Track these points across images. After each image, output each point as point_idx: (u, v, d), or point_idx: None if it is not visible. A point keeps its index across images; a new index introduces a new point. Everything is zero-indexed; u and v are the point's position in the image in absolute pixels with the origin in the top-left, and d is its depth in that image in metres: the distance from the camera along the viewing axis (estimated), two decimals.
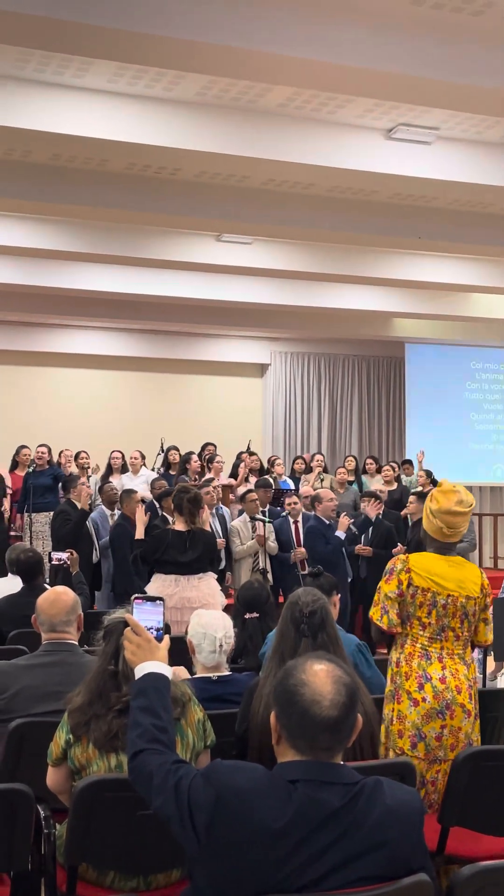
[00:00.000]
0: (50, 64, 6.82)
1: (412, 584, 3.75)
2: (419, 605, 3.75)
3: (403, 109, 7.58)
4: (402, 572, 3.78)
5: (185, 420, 15.86)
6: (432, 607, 3.74)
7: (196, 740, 3.11)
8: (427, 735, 3.67)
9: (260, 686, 3.35)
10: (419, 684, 3.72)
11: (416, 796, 2.25)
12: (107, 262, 11.42)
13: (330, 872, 2.08)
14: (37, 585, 5.77)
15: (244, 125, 7.63)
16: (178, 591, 6.82)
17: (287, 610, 3.42)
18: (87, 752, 3.05)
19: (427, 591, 3.74)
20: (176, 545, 6.99)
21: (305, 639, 3.32)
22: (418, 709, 3.69)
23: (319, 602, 3.40)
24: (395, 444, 17.97)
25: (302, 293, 13.19)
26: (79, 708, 3.09)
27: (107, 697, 3.06)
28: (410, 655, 3.79)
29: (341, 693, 2.17)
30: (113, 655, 3.10)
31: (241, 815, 2.10)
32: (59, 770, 3.15)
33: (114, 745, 3.01)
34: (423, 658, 3.76)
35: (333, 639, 3.38)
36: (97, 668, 3.15)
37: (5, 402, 15.34)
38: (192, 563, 6.96)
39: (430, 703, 3.69)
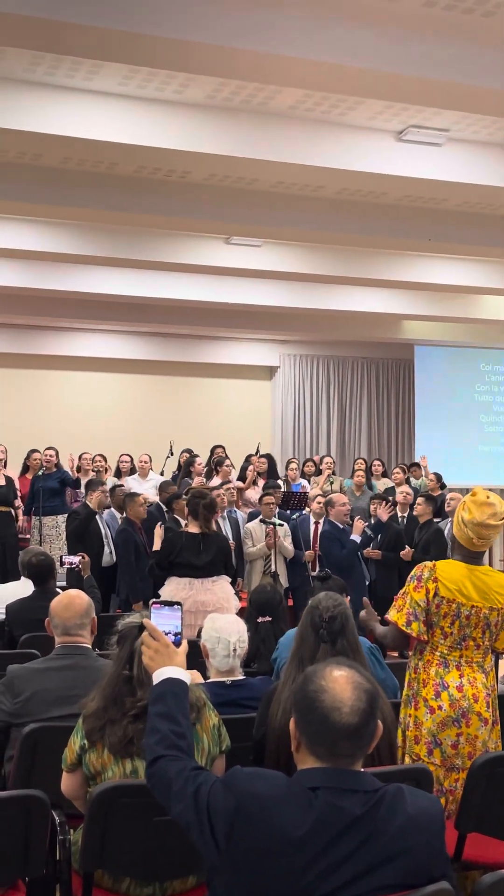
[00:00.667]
0: (60, 67, 6.81)
1: (438, 595, 3.73)
2: (443, 615, 3.73)
3: (414, 111, 7.56)
4: (430, 581, 3.75)
5: (194, 423, 15.85)
6: (456, 618, 3.72)
7: (211, 745, 3.09)
8: (443, 742, 3.65)
9: (278, 692, 3.32)
10: (436, 692, 3.70)
11: (437, 803, 2.23)
12: (116, 265, 11.42)
13: (351, 881, 2.06)
14: (48, 589, 5.75)
15: (254, 128, 7.61)
16: (192, 595, 6.81)
17: (307, 614, 3.39)
18: (101, 757, 3.03)
19: (452, 602, 3.72)
20: (190, 547, 6.98)
21: (324, 644, 3.29)
22: (434, 716, 3.67)
23: (340, 607, 3.37)
24: (404, 447, 17.93)
25: (311, 295, 13.17)
26: (93, 713, 3.06)
27: (121, 703, 3.04)
28: (429, 663, 3.77)
29: (362, 699, 2.15)
30: (127, 660, 3.08)
31: (261, 823, 2.08)
32: (74, 776, 3.13)
33: (129, 751, 2.99)
34: (442, 666, 3.74)
35: (353, 645, 3.35)
36: (111, 673, 3.13)
37: (14, 405, 15.34)
38: (206, 565, 6.95)
39: (447, 710, 3.67)
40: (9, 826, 2.88)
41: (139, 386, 16.53)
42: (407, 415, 17.96)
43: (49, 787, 3.08)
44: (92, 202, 8.78)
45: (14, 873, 2.99)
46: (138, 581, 8.86)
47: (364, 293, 13.30)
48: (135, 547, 8.97)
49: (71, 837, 3.16)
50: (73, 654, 3.81)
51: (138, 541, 9.04)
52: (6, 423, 14.52)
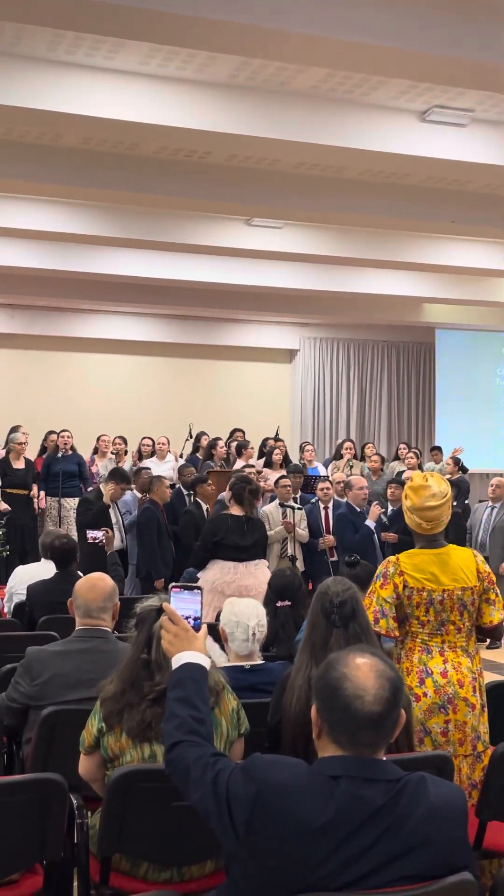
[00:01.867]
0: (81, 46, 6.76)
1: (407, 586, 3.72)
2: (416, 605, 3.72)
3: (438, 91, 7.47)
4: (396, 575, 3.75)
5: (214, 405, 15.83)
6: (429, 605, 3.71)
7: (230, 729, 3.07)
8: (432, 730, 3.62)
9: (292, 678, 3.29)
10: (420, 679, 3.67)
11: (460, 793, 2.19)
12: (136, 246, 11.38)
13: (372, 871, 2.04)
14: (70, 572, 5.74)
15: (276, 107, 7.54)
16: (236, 579, 6.86)
17: (316, 601, 3.36)
18: (120, 741, 3.01)
19: (422, 591, 3.71)
20: (235, 529, 7.02)
21: (336, 629, 3.26)
22: (420, 704, 3.65)
23: (349, 591, 3.34)
24: (425, 431, 17.86)
25: (332, 278, 13.10)
26: (112, 696, 3.05)
27: (140, 686, 3.02)
28: (410, 650, 3.75)
29: (385, 688, 2.12)
30: (145, 644, 3.06)
31: (281, 812, 2.05)
32: (92, 758, 3.12)
33: (147, 735, 2.98)
34: (424, 652, 3.72)
35: (365, 628, 3.32)
36: (130, 656, 3.11)
37: (34, 387, 15.36)
38: (250, 547, 7.00)
39: (432, 697, 3.64)
40: (26, 809, 2.87)
41: (159, 368, 16.51)
42: (427, 398, 17.89)
43: (67, 770, 3.07)
44: (113, 183, 8.74)
45: (32, 857, 2.99)
46: (159, 560, 8.88)
47: (385, 276, 13.22)
48: (157, 526, 8.97)
49: (89, 821, 3.14)
50: (94, 638, 3.80)
51: (160, 521, 9.05)
52: (27, 405, 14.55)
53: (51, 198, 9.78)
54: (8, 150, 8.31)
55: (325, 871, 2.02)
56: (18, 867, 2.98)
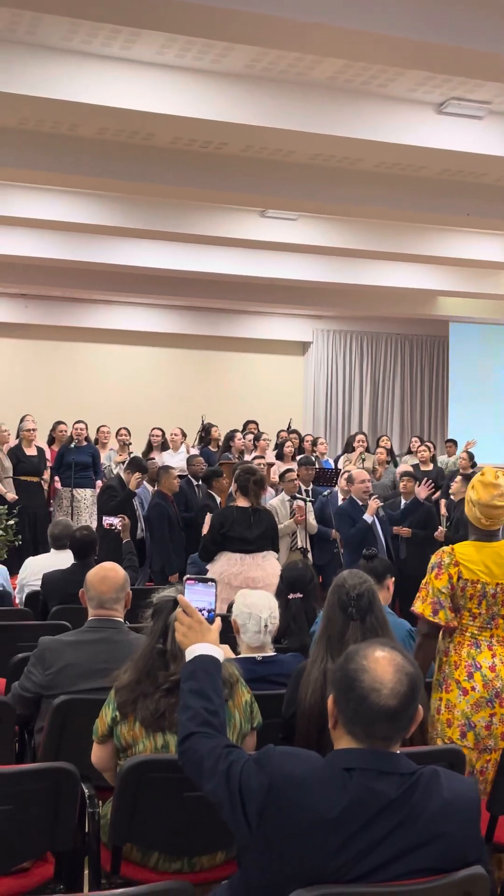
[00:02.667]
0: (98, 35, 6.74)
1: (462, 578, 3.70)
2: (469, 597, 3.70)
3: (455, 83, 7.43)
4: (451, 566, 3.73)
5: (226, 397, 15.83)
6: (482, 598, 3.69)
7: (243, 722, 3.07)
8: (477, 724, 3.61)
9: (307, 671, 3.29)
10: (468, 673, 3.66)
11: (473, 787, 2.19)
12: (150, 237, 11.37)
13: (384, 864, 2.04)
14: (88, 564, 5.73)
15: (292, 98, 7.51)
16: (243, 571, 6.84)
17: (333, 593, 3.35)
18: (133, 730, 3.02)
19: (477, 583, 3.69)
20: (241, 521, 7.02)
21: (353, 622, 3.25)
22: (467, 698, 3.64)
23: (366, 584, 3.33)
24: (438, 424, 17.82)
25: (346, 270, 13.06)
26: (126, 686, 3.05)
27: (154, 676, 3.03)
28: (460, 644, 3.73)
29: (403, 683, 2.11)
30: (161, 634, 3.06)
31: (294, 804, 2.06)
32: (105, 747, 3.12)
33: (161, 725, 2.98)
34: (473, 646, 3.70)
35: (381, 621, 3.31)
36: (145, 646, 3.11)
37: (48, 377, 15.39)
38: (256, 539, 7.00)
39: (480, 691, 3.63)
40: (38, 798, 2.88)
41: (172, 360, 16.51)
42: (440, 392, 17.84)
43: (78, 759, 3.07)
44: (128, 173, 8.72)
45: (43, 845, 3.00)
46: (172, 554, 8.88)
47: (400, 268, 13.18)
48: (168, 520, 8.97)
49: (100, 811, 3.15)
50: (106, 628, 3.80)
51: (171, 514, 9.04)
52: (40, 395, 14.59)
53: (65, 188, 9.77)
54: (23, 139, 8.30)
55: (338, 863, 2.02)
56: (30, 855, 2.99)
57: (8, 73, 6.89)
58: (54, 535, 6.59)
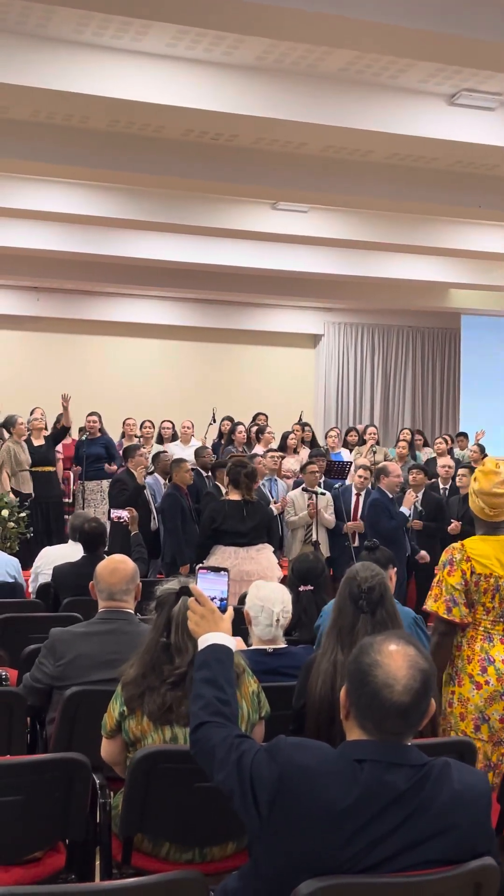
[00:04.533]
0: (109, 28, 6.74)
1: (475, 573, 3.70)
2: (483, 591, 3.70)
3: (467, 74, 7.41)
4: (463, 562, 3.72)
5: (237, 390, 15.83)
6: (496, 592, 3.69)
7: (251, 712, 3.08)
8: (491, 717, 3.61)
9: (316, 664, 3.29)
10: (482, 667, 3.66)
11: (484, 779, 2.19)
12: (162, 230, 11.38)
13: (394, 855, 2.04)
14: (98, 555, 5.74)
15: (303, 90, 7.50)
16: (237, 564, 6.85)
17: (344, 586, 3.34)
18: (141, 724, 3.02)
19: (490, 577, 3.69)
20: (233, 515, 7.02)
21: (364, 615, 3.25)
22: (481, 692, 3.64)
23: (378, 577, 3.32)
24: (449, 417, 17.78)
25: (357, 263, 13.04)
26: (132, 681, 3.06)
27: (160, 670, 3.03)
28: (472, 639, 3.72)
29: (416, 679, 2.11)
30: (165, 627, 3.06)
31: (305, 794, 2.06)
32: (114, 742, 3.13)
33: (168, 718, 2.99)
34: (486, 641, 3.70)
35: (392, 615, 3.30)
36: (149, 640, 3.11)
37: (59, 369, 15.41)
38: (249, 531, 6.99)
39: (494, 685, 3.63)
40: (50, 788, 2.89)
41: (183, 352, 16.52)
42: (452, 385, 17.80)
43: (90, 750, 3.08)
44: (139, 166, 8.73)
45: (54, 835, 3.01)
46: (184, 545, 8.89)
47: (411, 261, 13.15)
48: (181, 511, 8.99)
49: (111, 801, 3.16)
50: (116, 619, 3.81)
51: (184, 505, 9.06)
52: (51, 387, 14.56)
53: (77, 180, 9.77)
54: (35, 132, 8.31)
55: (348, 854, 2.03)
56: (41, 846, 3.00)
57: (19, 65, 6.90)
58: (74, 527, 6.60)
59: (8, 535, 9.50)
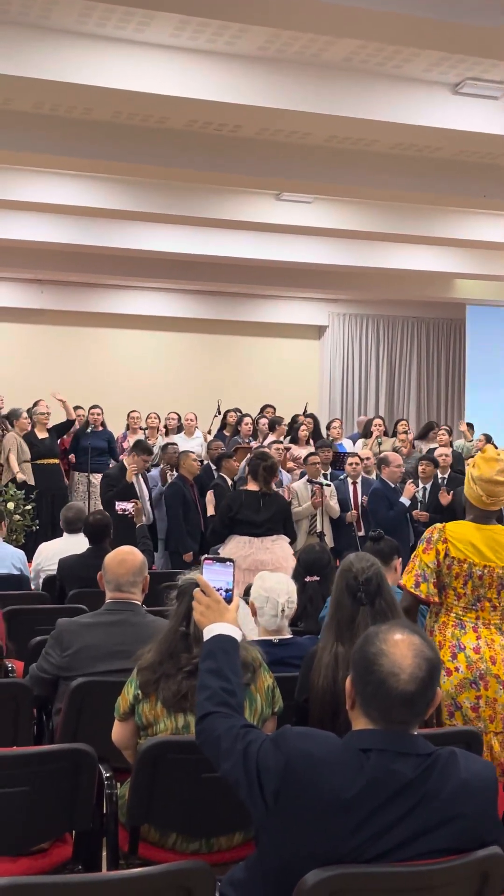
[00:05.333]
0: (111, 18, 6.72)
1: (448, 555, 3.69)
2: (455, 575, 3.69)
3: (471, 63, 7.38)
4: (440, 542, 3.72)
5: (242, 382, 15.81)
6: (468, 578, 3.67)
7: (264, 707, 3.08)
8: (463, 705, 3.60)
9: (318, 656, 3.27)
10: (452, 654, 3.65)
11: (490, 768, 2.18)
12: (165, 221, 11.36)
13: (401, 844, 2.04)
14: (103, 548, 5.74)
15: (307, 80, 7.48)
16: (251, 553, 6.90)
17: (341, 578, 3.32)
18: (155, 709, 3.03)
19: (463, 562, 3.67)
20: (250, 505, 7.06)
21: (363, 607, 3.23)
22: (451, 678, 3.62)
23: (374, 568, 3.30)
24: (454, 408, 17.75)
25: (362, 253, 13.01)
26: (149, 666, 3.07)
27: (177, 658, 3.04)
28: (444, 625, 3.72)
29: (421, 668, 2.10)
30: (185, 616, 3.07)
31: (311, 783, 2.06)
32: (126, 725, 3.13)
33: (182, 706, 2.99)
34: (457, 627, 3.69)
35: (391, 603, 3.29)
36: (169, 628, 3.12)
37: (63, 362, 15.40)
38: (265, 522, 7.03)
39: (464, 672, 3.61)
40: (56, 779, 2.89)
41: (187, 344, 16.50)
42: (457, 376, 17.77)
43: (96, 740, 3.08)
44: (142, 157, 8.71)
45: (61, 826, 3.01)
46: (186, 534, 8.91)
47: (416, 251, 13.12)
48: (184, 501, 8.99)
49: (118, 791, 3.17)
50: (123, 611, 3.81)
51: (188, 496, 9.06)
52: (55, 380, 14.56)
53: (80, 172, 9.76)
54: (38, 123, 8.29)
55: (355, 844, 2.03)
56: (48, 836, 3.01)
57: (22, 57, 6.89)
58: (68, 519, 6.60)
59: (14, 528, 9.52)
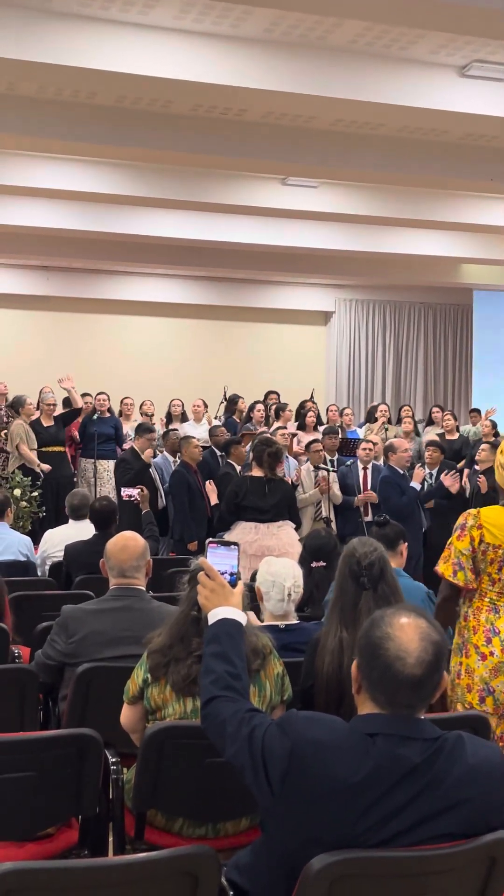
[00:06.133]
0: (115, 1, 6.68)
1: (483, 541, 3.68)
2: (490, 561, 3.68)
3: (478, 45, 7.31)
4: (474, 528, 3.71)
5: (248, 368, 15.78)
6: (503, 563, 3.65)
7: (273, 694, 3.08)
8: (496, 689, 3.60)
9: (322, 643, 3.27)
10: (487, 638, 3.65)
11: (498, 752, 2.17)
12: (171, 206, 11.32)
13: (408, 829, 2.03)
14: (109, 534, 5.74)
15: (312, 63, 7.42)
16: (258, 539, 6.91)
17: (343, 563, 3.31)
18: (164, 693, 3.04)
19: (499, 548, 3.67)
20: (256, 491, 7.07)
21: (366, 591, 3.22)
22: (486, 663, 3.62)
23: (377, 552, 3.30)
24: (461, 394, 17.71)
25: (368, 238, 12.95)
26: (159, 649, 3.07)
27: (188, 642, 3.04)
28: (478, 609, 3.71)
29: (428, 651, 2.09)
30: (196, 601, 3.06)
31: (317, 768, 2.05)
32: (135, 708, 3.14)
33: (191, 690, 2.99)
34: (492, 612, 3.68)
35: (394, 588, 3.28)
36: (180, 612, 3.12)
37: (69, 349, 15.39)
38: (271, 508, 7.04)
39: (499, 657, 3.61)
40: (62, 764, 2.89)
41: (193, 330, 16.47)
42: (464, 361, 17.72)
43: (102, 726, 3.08)
44: (147, 142, 8.67)
45: (67, 811, 3.01)
46: (191, 522, 8.90)
47: (422, 236, 13.05)
48: (188, 489, 8.98)
49: (124, 776, 3.17)
50: (128, 596, 3.81)
51: (192, 483, 9.05)
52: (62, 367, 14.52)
53: (85, 157, 9.72)
54: (42, 108, 8.25)
55: (361, 828, 2.02)
56: (55, 821, 3.01)
57: (25, 41, 6.84)
58: (73, 506, 6.61)
59: (21, 515, 9.53)
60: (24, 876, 1.97)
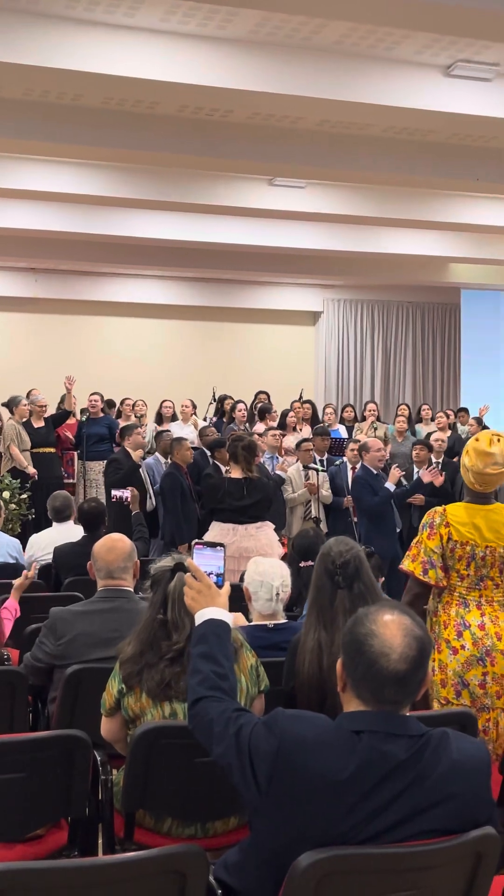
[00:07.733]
0: (100, 3, 6.68)
1: (451, 539, 3.72)
2: (458, 558, 3.73)
3: (463, 45, 7.33)
4: (442, 526, 3.75)
5: (237, 368, 15.79)
6: (471, 560, 3.71)
7: (250, 686, 3.08)
8: (470, 682, 3.63)
9: (302, 643, 3.28)
10: (458, 632, 3.68)
11: (483, 748, 2.19)
12: (158, 208, 11.32)
13: (394, 826, 2.04)
14: (98, 536, 5.74)
15: (298, 64, 7.43)
16: (235, 541, 6.84)
17: (319, 563, 3.33)
18: (140, 701, 3.03)
19: (466, 545, 3.71)
20: (233, 492, 7.02)
21: (341, 590, 3.23)
22: (458, 657, 3.65)
23: (352, 551, 3.31)
24: (450, 393, 17.75)
25: (356, 238, 12.96)
26: (130, 658, 3.06)
27: (158, 646, 3.03)
28: (448, 604, 3.75)
29: (412, 647, 2.10)
30: (161, 604, 3.07)
31: (303, 766, 2.06)
32: (114, 720, 3.13)
33: (167, 694, 2.99)
34: (462, 606, 3.72)
35: (370, 586, 3.29)
36: (147, 617, 3.12)
37: (58, 351, 15.36)
38: (248, 508, 6.98)
39: (470, 650, 3.64)
40: (52, 765, 2.90)
41: (182, 332, 16.47)
42: (453, 360, 17.76)
43: (91, 727, 3.09)
44: (133, 143, 8.66)
45: (57, 812, 3.02)
46: (183, 524, 8.89)
47: (410, 235, 13.07)
48: (180, 491, 8.98)
49: (113, 777, 3.17)
50: (116, 598, 3.82)
51: (184, 484, 9.05)
52: (50, 368, 14.54)
53: (71, 159, 9.70)
54: (27, 110, 8.24)
55: (348, 825, 2.03)
56: (44, 822, 3.02)
57: (10, 42, 6.83)
58: (55, 508, 6.60)
59: (9, 517, 9.51)
60: (14, 876, 1.98)
